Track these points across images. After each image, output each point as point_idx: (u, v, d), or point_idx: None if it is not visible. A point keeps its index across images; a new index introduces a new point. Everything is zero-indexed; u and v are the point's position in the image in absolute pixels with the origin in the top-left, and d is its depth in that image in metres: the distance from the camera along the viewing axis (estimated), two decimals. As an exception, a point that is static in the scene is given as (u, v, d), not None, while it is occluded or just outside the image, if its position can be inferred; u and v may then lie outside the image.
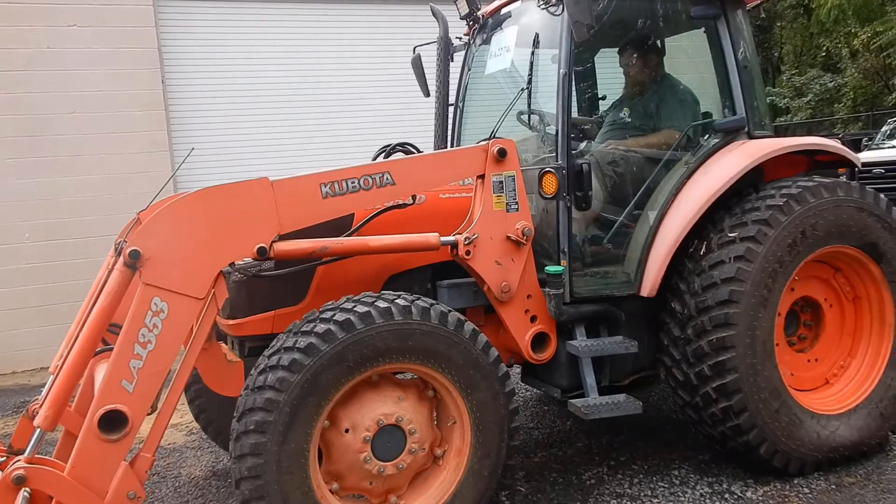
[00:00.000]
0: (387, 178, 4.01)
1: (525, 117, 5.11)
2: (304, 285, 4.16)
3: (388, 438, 3.63)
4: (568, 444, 5.33)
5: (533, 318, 4.41)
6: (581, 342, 4.40)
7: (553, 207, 4.47)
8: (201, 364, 4.16)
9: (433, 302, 3.70)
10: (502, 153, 4.20)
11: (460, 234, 4.15)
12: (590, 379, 4.38)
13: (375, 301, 3.55)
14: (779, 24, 43.78)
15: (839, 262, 4.73)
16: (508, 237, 4.23)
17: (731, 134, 4.76)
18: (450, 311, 3.71)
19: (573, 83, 4.43)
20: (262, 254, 3.69)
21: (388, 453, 3.63)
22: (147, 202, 4.49)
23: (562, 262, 4.41)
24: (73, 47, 8.99)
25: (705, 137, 4.85)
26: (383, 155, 4.87)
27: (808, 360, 4.83)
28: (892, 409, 4.68)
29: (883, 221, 4.62)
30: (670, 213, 4.52)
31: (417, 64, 5.70)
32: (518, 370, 5.12)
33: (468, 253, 4.15)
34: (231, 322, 4.15)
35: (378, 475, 3.60)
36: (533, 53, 4.68)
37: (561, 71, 4.37)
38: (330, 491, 3.58)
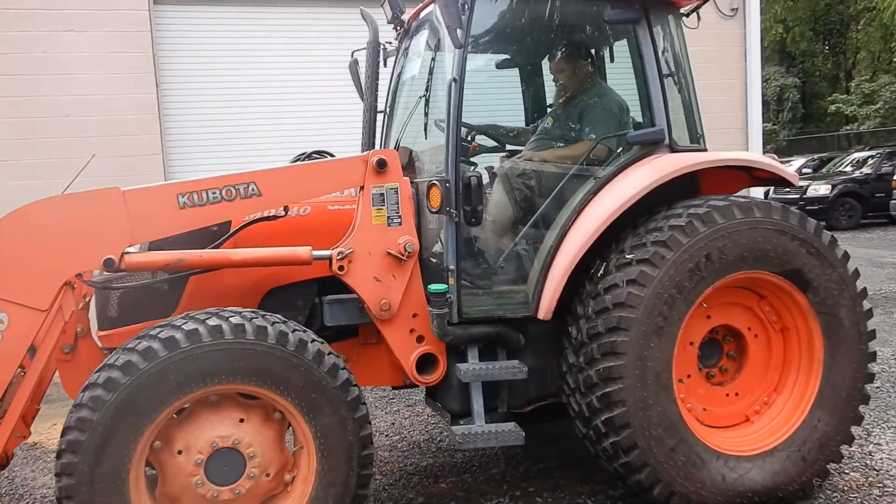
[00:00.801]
0: (252, 189, 3.89)
1: (443, 125, 4.90)
2: (175, 297, 4.06)
3: (225, 462, 3.48)
4: (482, 471, 5.07)
5: (420, 339, 4.21)
6: (470, 366, 4.18)
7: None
8: (63, 375, 4.10)
9: (279, 321, 3.54)
10: (381, 164, 4.02)
11: (337, 248, 3.99)
12: (477, 405, 4.15)
13: (207, 318, 3.41)
14: (854, 27, 41.89)
15: (762, 288, 4.35)
16: (389, 252, 4.04)
17: (648, 147, 4.43)
18: (294, 330, 3.53)
19: (463, 90, 4.18)
20: (108, 265, 3.61)
21: (225, 478, 3.48)
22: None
23: (450, 279, 4.18)
24: (69, 52, 9.19)
25: (619, 151, 4.53)
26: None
27: (728, 395, 4.46)
28: (816, 454, 4.27)
29: (809, 246, 4.21)
30: (572, 231, 4.24)
31: (353, 69, 5.55)
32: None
33: (341, 268, 3.99)
34: (101, 334, 4.09)
35: (213, 500, 3.46)
36: (433, 59, 4.49)
37: (449, 77, 4.15)
38: (162, 513, 3.46)
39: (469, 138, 5.03)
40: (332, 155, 4.79)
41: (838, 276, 4.27)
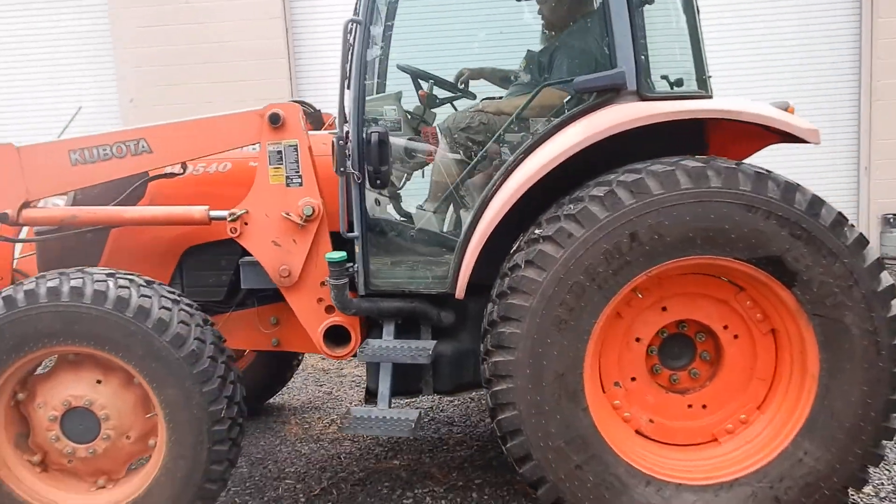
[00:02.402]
0: (143, 146, 3.77)
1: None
2: (97, 250, 4.11)
3: (80, 421, 3.50)
4: (449, 452, 4.65)
5: (329, 309, 3.87)
6: (377, 343, 3.77)
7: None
8: None
9: (128, 286, 3.41)
10: (274, 119, 3.67)
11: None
12: (383, 386, 3.74)
13: (51, 279, 3.38)
14: None
15: (738, 278, 3.37)
16: (287, 215, 3.73)
17: (605, 95, 3.55)
18: (142, 296, 3.38)
19: (368, 34, 3.64)
20: (3, 220, 3.72)
21: (81, 436, 3.50)
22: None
23: (356, 247, 3.76)
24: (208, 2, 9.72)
25: (567, 101, 3.69)
26: None
27: (690, 406, 3.55)
28: (797, 496, 3.28)
29: (794, 227, 3.14)
30: (494, 198, 3.57)
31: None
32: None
33: (235, 230, 3.76)
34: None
35: (70, 456, 3.51)
36: None
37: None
38: (31, 462, 3.57)
39: (432, 86, 4.43)
40: (313, 108, 4.51)
41: (843, 269, 3.15)
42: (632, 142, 3.34)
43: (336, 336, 3.90)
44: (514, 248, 3.42)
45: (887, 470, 4.10)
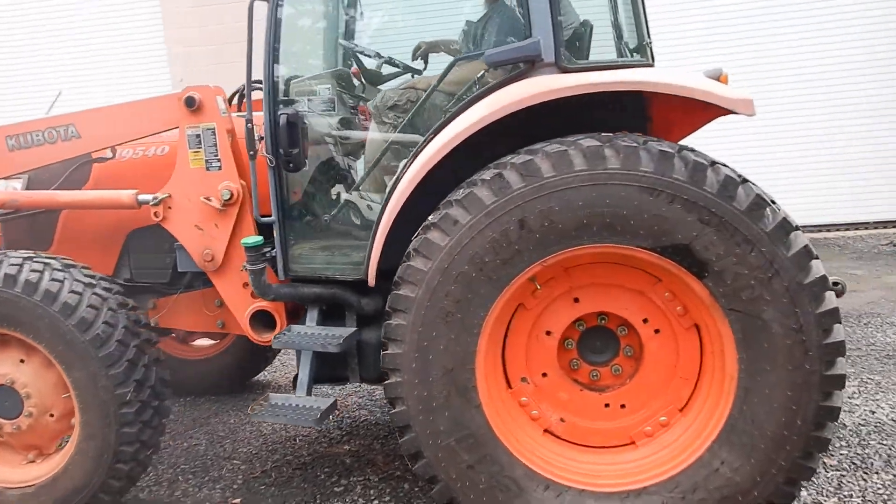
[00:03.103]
0: (72, 132, 3.82)
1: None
2: (50, 231, 4.22)
3: (5, 398, 3.62)
4: (367, 439, 4.55)
5: (255, 293, 3.81)
6: (298, 329, 3.68)
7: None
8: None
9: (41, 270, 3.46)
10: (189, 102, 3.62)
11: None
12: (302, 374, 3.66)
13: (-29, 262, 3.48)
14: None
15: (651, 268, 3.04)
16: (207, 199, 3.69)
17: (521, 68, 3.27)
18: (52, 280, 3.43)
19: (278, 9, 3.49)
20: None
21: (5, 412, 3.63)
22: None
23: (275, 231, 3.67)
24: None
25: (480, 75, 3.42)
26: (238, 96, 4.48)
27: (608, 405, 3.27)
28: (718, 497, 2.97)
29: (703, 211, 2.80)
30: (402, 180, 3.39)
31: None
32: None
33: (157, 215, 3.76)
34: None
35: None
36: None
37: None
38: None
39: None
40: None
41: (761, 258, 2.79)
42: (579, 113, 3.09)
43: (265, 320, 3.84)
44: (416, 234, 3.23)
45: (863, 479, 3.67)
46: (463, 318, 3.01)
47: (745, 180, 2.84)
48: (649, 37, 3.50)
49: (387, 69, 4.33)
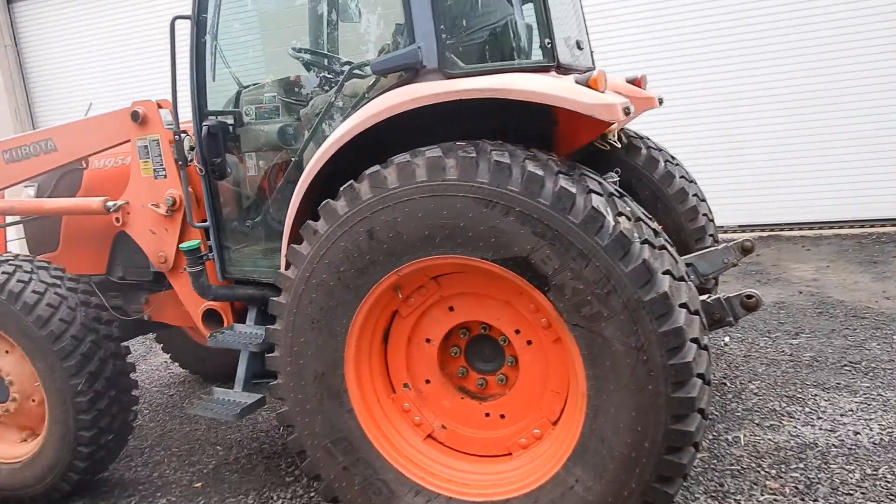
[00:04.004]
0: (50, 145, 4.30)
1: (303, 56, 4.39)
2: (56, 235, 4.76)
3: (-5, 384, 4.17)
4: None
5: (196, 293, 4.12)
6: (237, 328, 3.97)
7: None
8: None
9: (13, 270, 3.95)
10: (135, 116, 3.98)
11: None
12: (239, 370, 3.95)
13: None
14: None
15: (507, 279, 2.98)
16: (156, 206, 4.04)
17: (405, 76, 3.30)
18: (19, 280, 3.90)
19: (200, 29, 3.72)
20: None
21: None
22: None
23: (209, 236, 3.96)
24: None
25: (371, 83, 3.47)
26: None
27: (488, 415, 3.25)
28: (568, 525, 2.90)
29: (537, 224, 2.72)
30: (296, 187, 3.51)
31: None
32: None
33: (118, 220, 4.16)
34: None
35: None
36: None
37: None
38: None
39: None
40: None
41: (597, 273, 2.67)
42: (494, 113, 3.13)
43: (215, 318, 4.14)
44: None
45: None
46: (328, 325, 3.12)
47: (589, 192, 2.73)
48: (550, 37, 3.38)
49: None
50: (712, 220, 4.75)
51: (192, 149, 3.83)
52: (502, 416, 3.23)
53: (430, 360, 3.28)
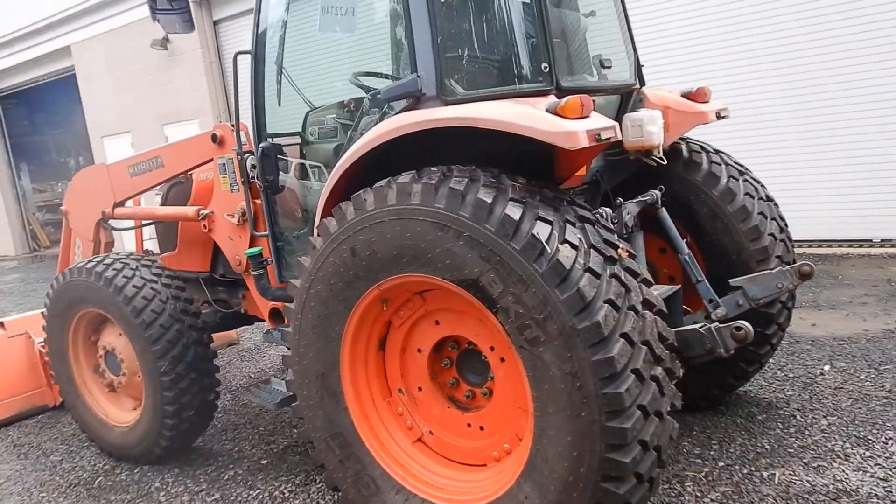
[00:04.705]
0: (158, 162, 5.05)
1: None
2: (175, 237, 5.55)
3: (112, 360, 5.00)
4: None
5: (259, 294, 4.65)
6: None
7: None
8: None
9: (122, 268, 4.71)
10: (213, 138, 4.57)
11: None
12: (290, 363, 4.42)
13: (83, 262, 4.88)
14: None
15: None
16: (231, 216, 4.64)
17: (408, 102, 3.55)
18: (121, 277, 4.64)
19: (260, 65, 4.19)
20: (105, 217, 5.43)
21: (115, 371, 5.01)
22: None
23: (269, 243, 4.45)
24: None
25: (384, 110, 3.72)
26: None
27: (469, 426, 3.40)
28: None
29: (483, 249, 2.85)
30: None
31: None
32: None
33: (205, 227, 4.81)
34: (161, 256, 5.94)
35: (108, 385, 5.07)
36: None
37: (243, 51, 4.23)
38: (103, 384, 5.21)
39: None
40: None
41: (536, 299, 2.76)
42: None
43: (280, 316, 4.64)
44: None
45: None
46: (324, 331, 3.45)
47: (538, 219, 2.81)
48: (549, 61, 3.43)
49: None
50: (784, 241, 4.45)
51: (254, 167, 4.33)
52: (481, 428, 3.37)
53: (421, 368, 3.51)
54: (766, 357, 4.58)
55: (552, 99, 3.09)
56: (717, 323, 3.44)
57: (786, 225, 4.56)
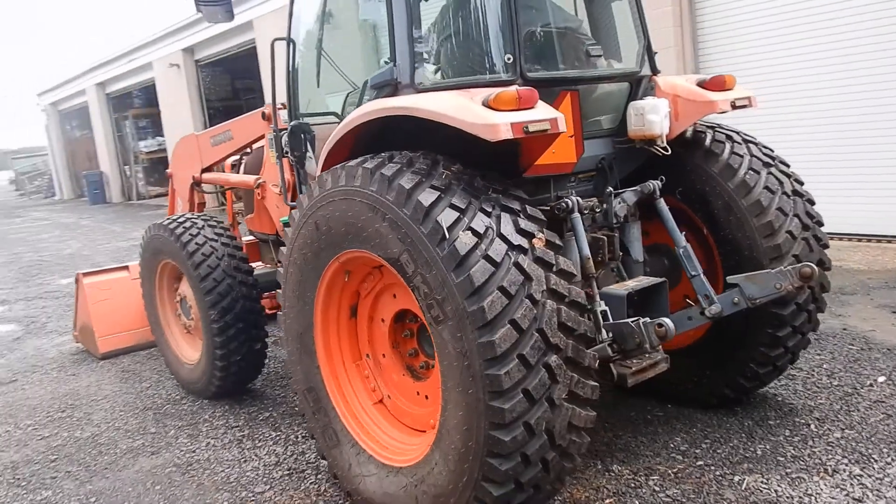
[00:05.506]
0: (229, 135, 5.69)
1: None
2: (251, 203, 6.19)
3: (184, 307, 5.74)
4: None
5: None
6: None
7: None
8: None
9: (191, 226, 5.40)
10: (263, 115, 5.09)
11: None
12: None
13: (163, 220, 5.63)
14: None
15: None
16: (275, 186, 5.16)
17: (384, 90, 3.80)
18: (187, 234, 5.33)
19: (294, 49, 4.58)
20: (194, 179, 6.20)
21: (185, 315, 5.76)
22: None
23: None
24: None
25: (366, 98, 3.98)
26: None
27: (418, 393, 3.65)
28: (429, 502, 3.25)
29: (399, 231, 3.08)
30: None
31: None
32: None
33: (259, 195, 5.39)
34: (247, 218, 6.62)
35: (184, 325, 5.82)
36: None
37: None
38: (183, 326, 6.00)
39: None
40: None
41: (437, 281, 2.96)
42: None
43: None
44: None
45: None
46: (301, 295, 3.84)
47: (450, 206, 2.99)
48: (513, 52, 3.51)
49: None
50: (807, 240, 4.18)
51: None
52: (426, 397, 3.62)
53: (383, 337, 3.79)
54: (781, 360, 4.37)
55: (493, 91, 3.19)
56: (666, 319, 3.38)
57: (816, 223, 4.28)
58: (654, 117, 4.02)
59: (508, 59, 3.54)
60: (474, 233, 2.94)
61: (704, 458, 4.03)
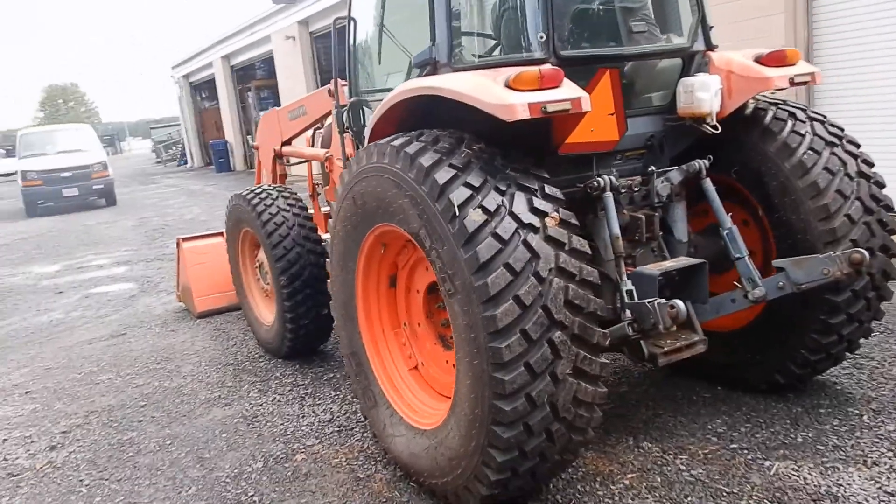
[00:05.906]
0: (303, 110, 6.00)
1: None
2: (327, 174, 6.50)
3: (261, 273, 6.16)
4: None
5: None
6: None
7: None
8: None
9: (266, 197, 5.77)
10: (329, 93, 5.35)
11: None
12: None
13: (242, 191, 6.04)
14: None
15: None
16: (339, 158, 5.44)
17: (425, 68, 3.93)
18: (262, 204, 5.70)
19: (354, 27, 4.76)
20: (275, 152, 6.59)
21: (263, 280, 6.18)
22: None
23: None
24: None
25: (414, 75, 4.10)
26: None
27: (447, 362, 3.81)
28: (446, 465, 3.42)
29: (419, 207, 3.24)
30: None
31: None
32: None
33: (327, 167, 5.68)
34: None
35: (267, 290, 6.25)
36: None
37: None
38: (263, 289, 6.43)
39: None
40: None
41: (449, 256, 3.11)
42: None
43: None
44: None
45: None
46: (344, 265, 4.08)
47: (465, 185, 3.10)
48: (547, 30, 3.54)
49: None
50: (868, 224, 3.99)
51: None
52: (454, 366, 3.76)
53: (418, 307, 3.98)
54: (835, 348, 4.21)
55: (516, 70, 3.24)
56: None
57: (884, 206, 4.07)
58: (703, 95, 3.95)
59: (541, 37, 3.58)
60: (485, 210, 3.04)
61: (740, 442, 3.98)
